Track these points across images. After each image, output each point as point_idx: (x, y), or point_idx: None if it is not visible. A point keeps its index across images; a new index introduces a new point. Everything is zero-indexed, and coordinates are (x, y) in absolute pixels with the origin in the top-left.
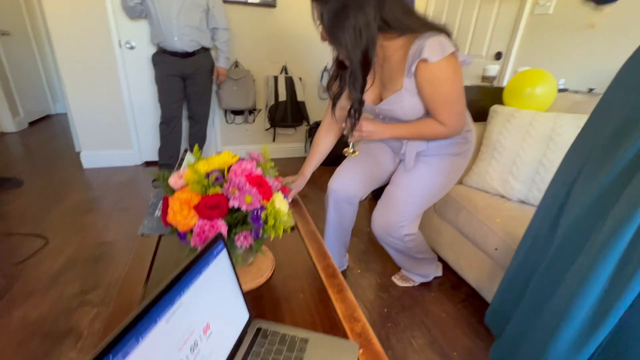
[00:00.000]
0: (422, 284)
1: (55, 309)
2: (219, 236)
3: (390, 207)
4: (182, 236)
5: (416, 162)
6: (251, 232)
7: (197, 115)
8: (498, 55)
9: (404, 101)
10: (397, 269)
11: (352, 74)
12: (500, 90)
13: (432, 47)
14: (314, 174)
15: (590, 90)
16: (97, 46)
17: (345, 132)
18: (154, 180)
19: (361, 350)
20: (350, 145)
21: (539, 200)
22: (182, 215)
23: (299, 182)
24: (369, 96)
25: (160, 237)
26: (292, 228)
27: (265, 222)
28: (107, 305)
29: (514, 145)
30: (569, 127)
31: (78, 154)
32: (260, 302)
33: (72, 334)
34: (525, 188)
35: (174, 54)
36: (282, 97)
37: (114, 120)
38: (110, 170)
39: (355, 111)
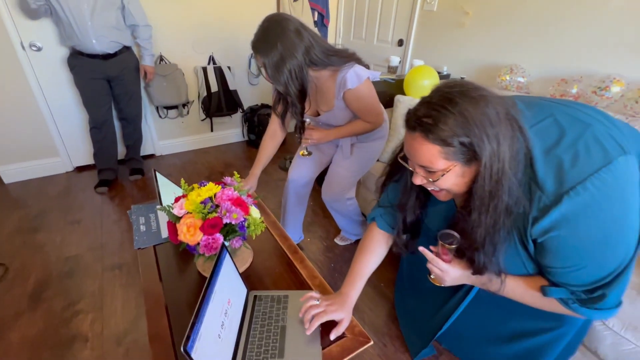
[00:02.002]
0: (357, 240)
1: (51, 323)
2: (223, 245)
3: (335, 182)
4: (192, 248)
5: (350, 149)
6: (240, 237)
7: (129, 116)
8: (400, 42)
9: (337, 115)
10: (337, 233)
11: (292, 104)
12: (402, 81)
13: (351, 79)
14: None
15: (462, 79)
16: None
17: (299, 141)
18: (96, 187)
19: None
20: (305, 149)
21: None
22: (191, 234)
23: (252, 182)
24: (309, 112)
25: (154, 247)
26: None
27: (248, 227)
28: (101, 310)
29: None
30: None
31: None
32: (250, 279)
33: (78, 339)
34: None
35: (94, 56)
36: (214, 87)
37: (31, 128)
38: (39, 181)
39: (300, 128)
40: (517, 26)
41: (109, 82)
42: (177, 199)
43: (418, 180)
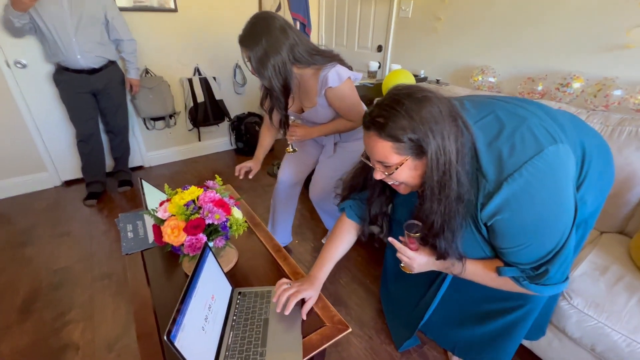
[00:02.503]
0: None
1: (41, 334)
2: (205, 245)
3: (321, 181)
4: (177, 249)
5: (334, 148)
6: (223, 236)
7: (116, 129)
8: (379, 48)
9: (319, 112)
10: (324, 234)
11: (276, 99)
12: (380, 85)
13: (333, 78)
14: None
15: (437, 81)
16: None
17: (284, 136)
18: (85, 199)
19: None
20: (290, 146)
21: None
22: (175, 235)
23: (255, 164)
24: (293, 108)
25: (142, 252)
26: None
27: (230, 227)
28: (91, 319)
29: None
30: None
31: None
32: (235, 277)
33: (69, 348)
34: None
35: (79, 71)
36: (200, 98)
37: (18, 144)
38: (27, 197)
39: (284, 123)
40: (486, 30)
41: (95, 95)
42: (161, 203)
43: (378, 175)
